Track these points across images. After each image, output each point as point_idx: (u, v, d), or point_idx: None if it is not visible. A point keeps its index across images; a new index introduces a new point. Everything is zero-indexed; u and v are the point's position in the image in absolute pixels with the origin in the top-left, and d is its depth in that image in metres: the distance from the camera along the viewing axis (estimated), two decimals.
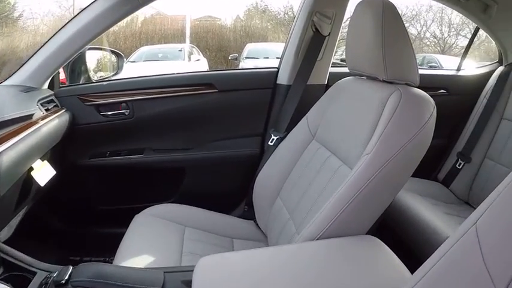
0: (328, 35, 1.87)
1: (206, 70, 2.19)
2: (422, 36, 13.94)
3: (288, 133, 1.65)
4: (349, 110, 1.36)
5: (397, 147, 1.12)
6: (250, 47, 11.51)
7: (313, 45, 1.86)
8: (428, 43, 14.15)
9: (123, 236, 1.45)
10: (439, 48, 14.05)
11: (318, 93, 1.68)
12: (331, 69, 1.99)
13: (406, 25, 2.18)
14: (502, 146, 2.08)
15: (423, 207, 1.83)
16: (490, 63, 2.50)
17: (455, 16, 14.09)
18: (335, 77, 1.68)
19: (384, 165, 1.11)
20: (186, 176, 1.96)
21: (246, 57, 10.64)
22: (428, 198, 2.01)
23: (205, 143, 1.95)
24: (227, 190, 1.99)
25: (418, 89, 1.24)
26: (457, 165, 2.18)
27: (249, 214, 1.78)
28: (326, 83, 1.97)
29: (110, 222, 1.93)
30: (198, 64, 10.87)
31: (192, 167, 1.94)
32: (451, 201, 2.12)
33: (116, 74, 1.95)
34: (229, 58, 11.63)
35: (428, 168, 2.28)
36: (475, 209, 1.66)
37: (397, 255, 1.08)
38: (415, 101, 1.19)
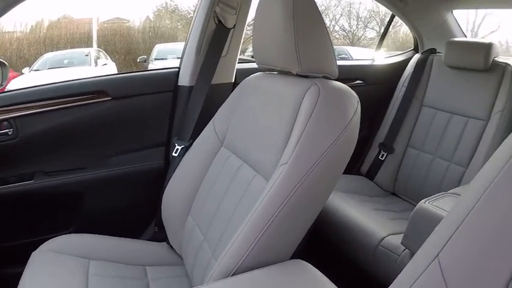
0: (233, 27, 1.67)
1: (98, 75, 1.89)
2: (331, 29, 14.33)
3: (194, 141, 1.44)
4: (260, 111, 1.19)
5: (319, 152, 0.96)
6: (159, 48, 11.10)
7: (216, 39, 1.65)
8: (337, 36, 14.60)
9: (21, 278, 1.20)
10: (348, 40, 14.56)
11: (224, 93, 1.48)
12: (239, 66, 1.80)
13: None
14: (424, 134, 2.03)
15: (350, 207, 1.73)
16: (405, 51, 2.47)
17: (363, 10, 14.64)
18: (243, 74, 1.49)
19: (305, 176, 0.95)
20: (85, 200, 1.68)
21: (155, 59, 10.24)
22: (353, 194, 1.91)
23: (102, 160, 1.68)
24: (133, 211, 1.73)
25: (338, 82, 1.10)
26: (379, 157, 2.10)
27: (160, 235, 1.55)
28: (233, 81, 1.77)
29: (5, 262, 1.61)
30: (105, 69, 10.32)
31: (90, 188, 1.67)
32: (377, 193, 2.05)
33: None
34: (138, 61, 11.18)
35: (350, 162, 2.19)
36: (401, 198, 1.56)
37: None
38: (337, 96, 1.04)
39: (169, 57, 9.85)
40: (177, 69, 1.72)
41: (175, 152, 1.53)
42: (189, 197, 1.35)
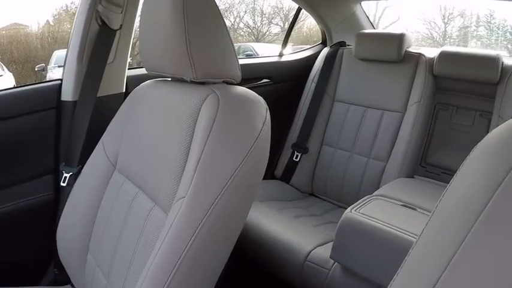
0: (120, 28, 1.44)
1: None
2: (236, 27, 14.32)
3: (83, 166, 1.21)
4: (152, 128, 1.00)
5: (224, 176, 0.80)
6: (58, 54, 10.25)
7: (100, 43, 1.40)
8: (242, 33, 14.62)
9: None
10: (253, 37, 14.63)
11: (114, 106, 1.24)
12: (130, 73, 1.57)
13: None
14: (338, 130, 1.96)
15: (270, 219, 1.58)
16: (313, 45, 2.39)
17: (267, 6, 14.79)
18: (136, 83, 1.24)
19: (211, 207, 0.79)
20: None
21: (55, 66, 9.51)
22: (270, 202, 1.78)
23: None
24: (28, 254, 1.44)
25: (242, 88, 0.94)
26: (294, 158, 2.00)
27: (62, 278, 1.32)
28: (124, 91, 1.54)
29: None
30: (1, 80, 9.44)
31: None
32: (295, 197, 1.95)
33: None
34: (36, 69, 10.34)
35: None
36: (321, 199, 1.52)
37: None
38: (240, 105, 0.88)
39: None
40: (59, 82, 1.44)
41: (64, 181, 1.30)
42: (85, 232, 1.13)
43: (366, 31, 2.03)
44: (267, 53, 2.23)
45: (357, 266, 1.22)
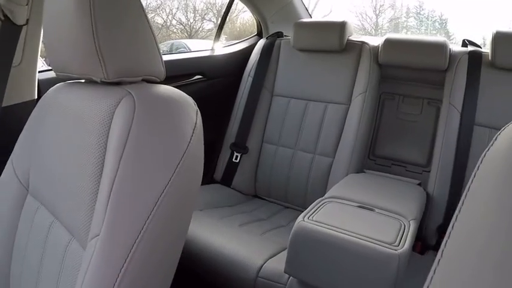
0: (26, 23, 1.23)
1: None
2: (168, 24, 14.02)
3: None
4: (63, 140, 0.81)
5: (149, 200, 0.64)
6: None
7: (3, 41, 1.19)
8: (175, 30, 14.33)
9: None
10: (186, 34, 14.39)
11: (25, 117, 1.02)
12: (43, 76, 1.35)
13: (152, 15, 1.71)
14: (279, 126, 1.83)
15: (213, 232, 1.40)
16: (248, 37, 2.23)
17: (199, 2, 14.58)
18: (51, 87, 1.01)
19: (135, 242, 0.63)
20: None
21: None
22: (212, 210, 1.61)
23: None
24: None
25: (166, 86, 0.78)
26: (233, 159, 1.85)
27: None
28: (36, 97, 1.31)
29: None
30: None
31: None
32: (238, 200, 1.79)
33: None
34: None
35: None
36: (266, 200, 1.18)
37: None
38: (163, 107, 0.71)
39: None
40: None
41: None
42: (3, 270, 0.91)
43: (305, 20, 1.91)
44: (201, 48, 2.04)
45: (315, 280, 1.09)
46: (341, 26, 1.73)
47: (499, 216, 0.35)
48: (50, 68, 1.40)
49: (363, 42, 1.75)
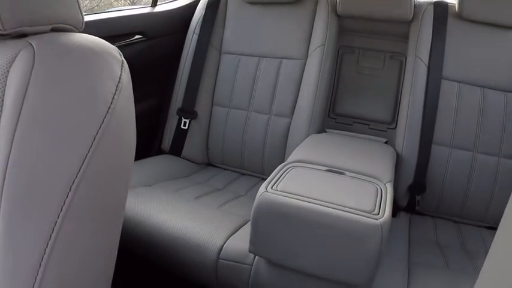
0: None
1: None
2: None
3: None
4: None
5: (63, 174, 0.51)
6: None
7: None
8: None
9: None
10: (128, 1, 13.79)
11: None
12: None
13: None
14: (230, 87, 1.66)
15: (162, 209, 1.22)
16: None
17: None
18: None
19: (57, 222, 0.51)
20: None
21: None
22: (161, 184, 1.43)
23: None
24: None
25: (80, 34, 0.62)
26: (182, 126, 1.67)
27: None
28: None
29: None
30: None
31: None
32: (191, 171, 1.63)
33: None
34: None
35: (143, 142, 1.73)
36: (220, 168, 0.94)
37: None
38: (71, 59, 0.56)
39: None
40: None
41: None
42: None
43: None
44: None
45: (285, 259, 0.96)
46: None
47: None
48: None
49: None
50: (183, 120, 1.67)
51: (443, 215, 1.50)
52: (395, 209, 1.46)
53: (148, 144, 1.77)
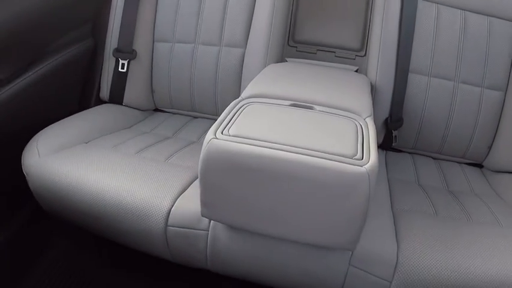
0: None
1: None
2: None
3: None
4: None
5: None
6: None
7: None
8: None
9: None
10: None
11: None
12: None
13: None
14: (172, 19, 1.43)
15: (100, 171, 1.01)
16: None
17: None
18: None
19: None
20: None
21: None
22: (101, 139, 1.21)
23: None
24: None
25: None
26: (120, 69, 1.44)
27: None
28: None
29: None
30: None
31: None
32: (135, 120, 1.43)
33: None
34: None
35: (82, 92, 1.49)
36: (170, 113, 0.96)
37: None
38: None
39: None
40: None
41: None
42: None
43: None
44: None
45: (246, 222, 0.78)
46: None
47: None
48: None
49: None
50: (121, 61, 1.43)
51: (422, 151, 1.37)
52: None
53: (87, 93, 1.53)
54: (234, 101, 0.91)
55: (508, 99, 1.27)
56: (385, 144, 1.34)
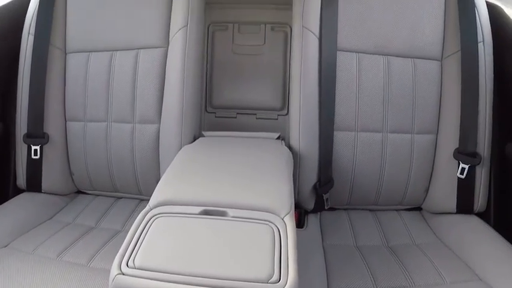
0: None
1: None
2: None
3: None
4: None
5: None
6: None
7: None
8: None
9: None
10: None
11: None
12: None
13: None
14: (82, 94, 1.33)
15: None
16: None
17: None
18: None
19: None
20: None
21: None
22: (21, 240, 1.11)
23: None
24: None
25: None
26: (33, 156, 1.32)
27: None
28: None
29: None
30: None
31: None
32: (56, 207, 1.32)
33: None
34: None
35: None
36: (92, 195, 0.97)
37: None
38: None
39: None
40: None
41: None
42: None
43: None
44: None
45: None
46: None
47: None
48: None
49: None
50: (33, 148, 1.32)
51: (358, 206, 1.30)
52: (300, 216, 1.23)
53: (3, 182, 1.41)
54: (142, 213, 0.80)
55: (440, 139, 1.21)
56: (318, 207, 1.27)
